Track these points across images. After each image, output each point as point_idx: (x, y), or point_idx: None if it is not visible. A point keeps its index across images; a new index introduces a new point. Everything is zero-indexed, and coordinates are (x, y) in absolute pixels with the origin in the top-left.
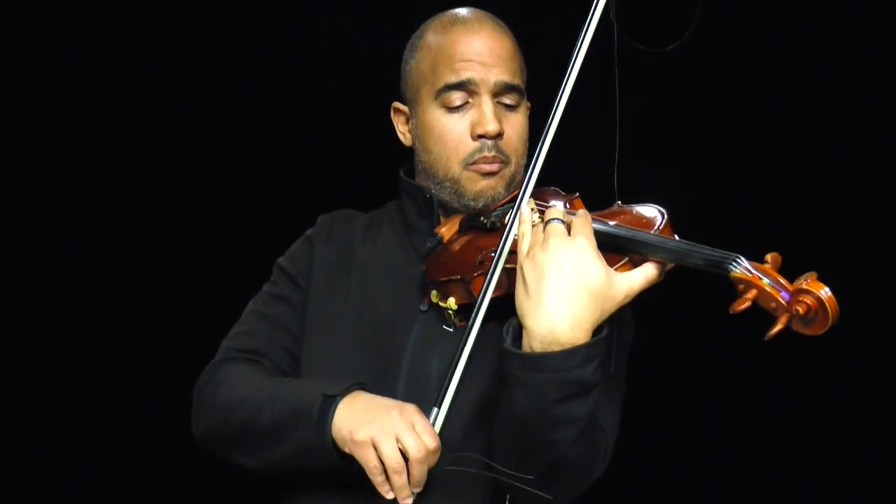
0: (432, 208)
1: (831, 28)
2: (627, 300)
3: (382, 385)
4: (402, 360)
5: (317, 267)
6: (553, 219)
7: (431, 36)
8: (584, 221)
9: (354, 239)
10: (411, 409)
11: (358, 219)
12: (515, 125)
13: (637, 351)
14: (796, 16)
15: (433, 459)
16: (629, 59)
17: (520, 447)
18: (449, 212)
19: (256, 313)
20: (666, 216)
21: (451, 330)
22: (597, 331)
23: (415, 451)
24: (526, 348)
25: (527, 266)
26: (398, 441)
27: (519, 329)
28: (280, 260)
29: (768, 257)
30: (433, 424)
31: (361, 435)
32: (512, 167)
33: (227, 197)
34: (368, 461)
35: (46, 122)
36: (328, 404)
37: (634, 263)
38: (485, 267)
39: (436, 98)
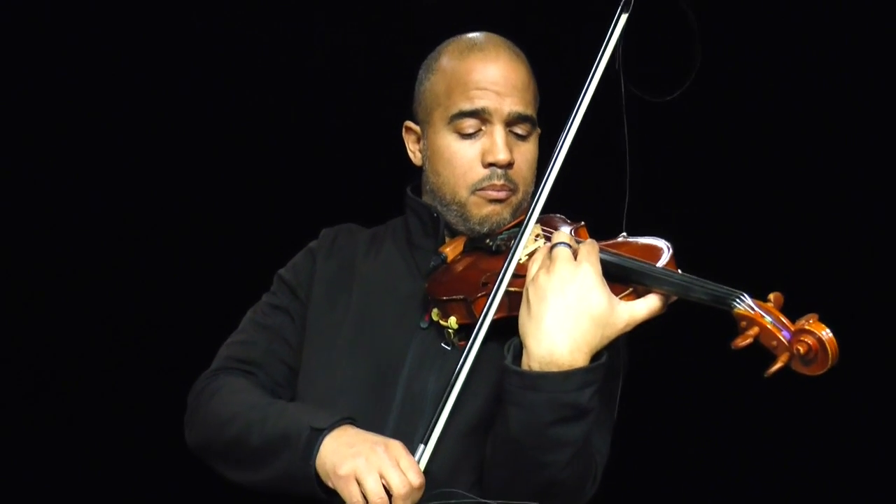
0: (438, 227)
1: (836, 66)
2: (628, 329)
3: (378, 400)
4: (400, 376)
5: (318, 279)
6: (559, 243)
7: (448, 60)
8: (590, 249)
9: (357, 253)
10: (397, 446)
11: (360, 233)
12: (526, 154)
13: (637, 378)
14: (799, 55)
15: (417, 496)
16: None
17: (512, 467)
18: (454, 232)
19: (255, 323)
20: (671, 250)
21: (450, 349)
22: (596, 357)
23: (398, 488)
24: (524, 368)
25: (531, 288)
26: (382, 477)
27: (520, 348)
28: (281, 271)
29: (771, 296)
30: (418, 461)
31: (345, 469)
32: (519, 195)
33: (231, 206)
34: (351, 496)
35: (50, 134)
36: (315, 436)
37: (638, 294)
38: (488, 288)
39: (449, 122)
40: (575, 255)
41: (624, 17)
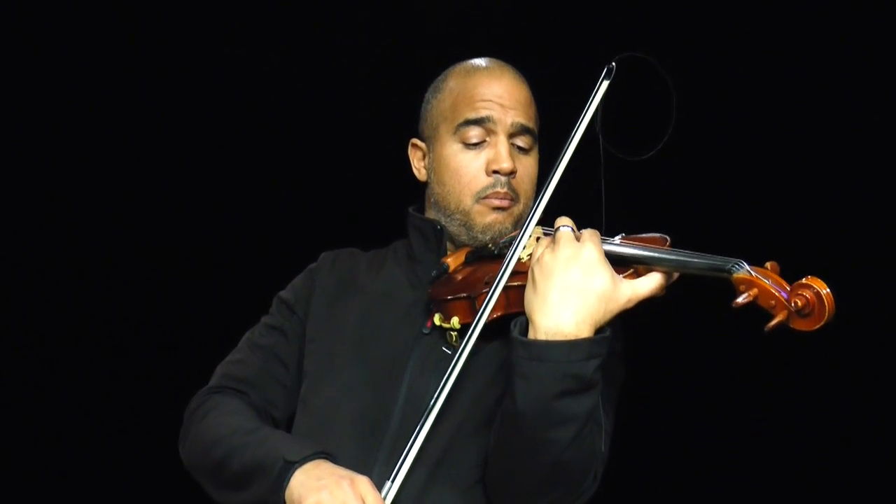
0: (441, 240)
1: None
2: (630, 304)
3: (381, 403)
4: (402, 380)
5: (318, 294)
6: (562, 226)
7: (454, 79)
8: (592, 232)
9: (358, 269)
10: (364, 482)
11: (361, 255)
12: (527, 167)
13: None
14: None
15: None
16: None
17: (518, 448)
18: (457, 245)
19: (251, 343)
20: (669, 240)
21: (450, 352)
22: (599, 332)
23: None
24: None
25: (536, 267)
26: None
27: (525, 325)
28: (280, 292)
29: (768, 265)
30: (385, 498)
31: (310, 502)
32: (520, 206)
33: (234, 230)
34: None
35: (54, 154)
36: (287, 468)
37: (639, 274)
38: (490, 285)
39: (455, 133)
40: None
41: (606, 84)
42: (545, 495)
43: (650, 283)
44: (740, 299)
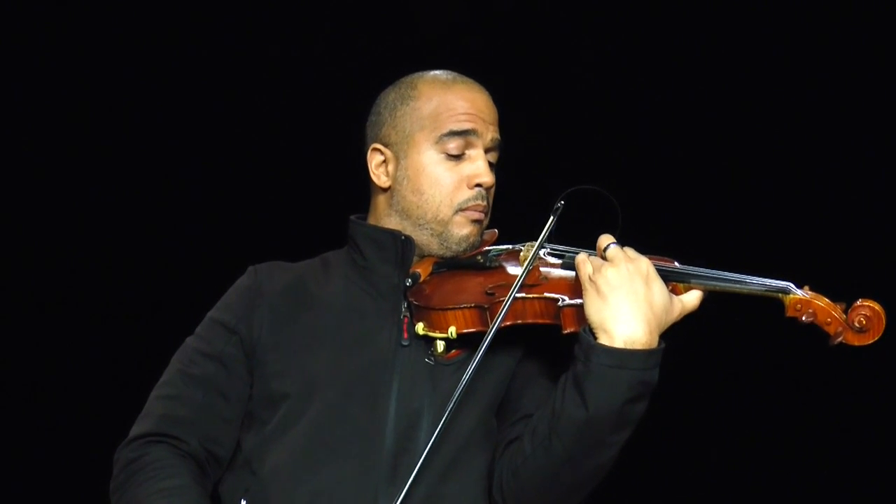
0: (407, 249)
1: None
2: (680, 317)
3: (371, 420)
4: (390, 395)
5: (264, 311)
6: (611, 243)
7: (430, 88)
8: (631, 249)
9: (305, 281)
10: None
11: (294, 267)
12: (495, 183)
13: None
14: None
15: None
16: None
17: (572, 453)
18: (419, 255)
19: (185, 374)
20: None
21: (432, 363)
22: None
23: None
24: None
25: (601, 282)
26: None
27: (591, 335)
28: (213, 313)
29: (806, 287)
30: None
31: None
32: (488, 218)
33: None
34: None
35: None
36: None
37: (675, 292)
38: (496, 297)
39: (436, 142)
40: None
41: (552, 219)
42: (573, 498)
43: (694, 298)
44: (804, 318)
